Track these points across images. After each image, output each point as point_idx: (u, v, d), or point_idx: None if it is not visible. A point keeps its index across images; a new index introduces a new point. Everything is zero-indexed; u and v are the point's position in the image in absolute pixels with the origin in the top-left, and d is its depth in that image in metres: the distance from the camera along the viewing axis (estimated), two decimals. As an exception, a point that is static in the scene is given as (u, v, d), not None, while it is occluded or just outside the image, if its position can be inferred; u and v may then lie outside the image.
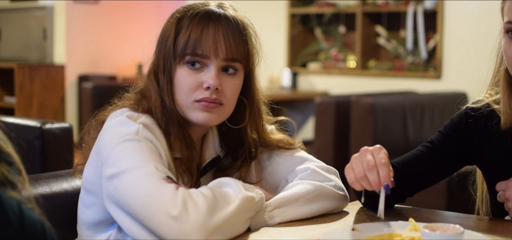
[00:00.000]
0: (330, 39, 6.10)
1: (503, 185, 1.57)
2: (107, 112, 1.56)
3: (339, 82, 5.95)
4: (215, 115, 1.53)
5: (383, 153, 1.41)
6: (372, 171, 1.40)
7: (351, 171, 1.43)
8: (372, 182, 1.40)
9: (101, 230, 1.52)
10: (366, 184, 1.41)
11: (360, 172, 1.41)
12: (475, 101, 1.72)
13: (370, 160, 1.40)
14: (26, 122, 2.57)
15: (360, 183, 1.42)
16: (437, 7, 5.37)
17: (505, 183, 1.56)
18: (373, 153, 1.42)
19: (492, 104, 1.67)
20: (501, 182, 1.58)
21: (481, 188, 1.80)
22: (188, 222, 1.28)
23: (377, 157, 1.41)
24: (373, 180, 1.40)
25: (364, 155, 1.42)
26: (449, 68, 5.37)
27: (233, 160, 1.63)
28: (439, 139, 1.70)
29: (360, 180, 1.41)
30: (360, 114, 4.37)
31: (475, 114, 1.68)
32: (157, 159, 1.40)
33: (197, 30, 1.51)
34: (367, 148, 1.43)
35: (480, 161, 1.71)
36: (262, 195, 1.46)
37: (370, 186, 1.41)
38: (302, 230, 1.46)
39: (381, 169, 1.40)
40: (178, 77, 1.53)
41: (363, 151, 1.43)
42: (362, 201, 1.59)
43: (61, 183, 1.69)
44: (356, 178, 1.42)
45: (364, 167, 1.40)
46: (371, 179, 1.40)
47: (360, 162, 1.42)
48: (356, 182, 1.42)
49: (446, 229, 1.26)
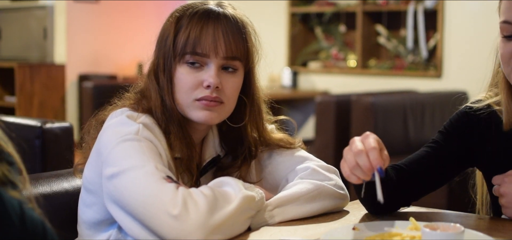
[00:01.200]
0: (330, 38, 6.10)
1: (499, 179, 1.56)
2: (107, 112, 1.56)
3: (339, 81, 5.95)
4: (215, 114, 1.53)
5: (371, 138, 1.38)
6: (361, 156, 1.36)
7: (344, 164, 1.40)
8: (363, 167, 1.36)
9: (102, 230, 1.52)
10: (360, 172, 1.37)
11: (351, 161, 1.37)
12: (474, 100, 1.71)
13: (358, 146, 1.37)
14: (26, 122, 2.57)
15: (353, 173, 1.38)
16: (438, 6, 5.37)
17: (501, 178, 1.56)
18: (362, 140, 1.39)
19: (493, 106, 1.66)
20: (497, 176, 1.57)
21: (481, 191, 1.79)
22: (188, 221, 1.28)
23: (365, 142, 1.38)
24: (364, 165, 1.36)
25: (353, 144, 1.39)
26: (449, 67, 5.37)
27: (233, 159, 1.63)
28: (441, 140, 1.69)
29: (353, 170, 1.37)
30: (360, 113, 4.37)
31: (475, 114, 1.67)
32: (157, 159, 1.40)
33: (197, 29, 1.51)
34: (355, 138, 1.40)
35: (481, 162, 1.71)
36: (262, 194, 1.46)
37: (364, 173, 1.37)
38: (303, 229, 1.46)
39: (371, 153, 1.36)
40: (178, 76, 1.53)
41: (352, 141, 1.40)
42: (362, 196, 1.52)
43: (62, 183, 1.69)
44: (349, 170, 1.38)
45: (354, 155, 1.37)
46: (362, 164, 1.36)
47: (350, 152, 1.38)
48: (351, 174, 1.38)
49: (447, 228, 1.25)
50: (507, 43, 1.56)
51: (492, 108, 1.66)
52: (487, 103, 1.67)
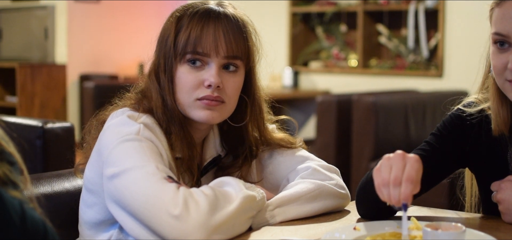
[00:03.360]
0: (331, 37, 6.10)
1: (496, 185, 1.56)
2: (108, 112, 1.56)
3: (340, 81, 5.95)
4: (217, 113, 1.53)
5: (415, 169, 1.28)
6: (395, 187, 1.28)
7: (379, 175, 1.31)
8: (392, 196, 1.28)
9: (103, 230, 1.52)
10: (386, 193, 1.30)
11: (385, 179, 1.29)
12: (466, 103, 1.70)
13: (398, 175, 1.28)
14: (27, 122, 2.57)
15: (381, 190, 1.30)
16: (439, 5, 5.37)
17: (498, 184, 1.55)
18: (404, 161, 1.29)
19: (487, 110, 1.65)
20: (495, 183, 1.57)
21: (470, 192, 1.79)
22: (189, 221, 1.28)
23: (407, 169, 1.29)
24: (393, 196, 1.28)
25: (396, 162, 1.30)
26: (450, 67, 5.37)
27: (234, 159, 1.63)
28: (434, 142, 1.69)
29: (383, 187, 1.30)
30: (361, 113, 4.36)
31: (467, 118, 1.66)
32: (158, 159, 1.40)
33: (197, 29, 1.51)
34: (402, 154, 1.31)
35: (473, 164, 1.70)
36: (263, 194, 1.46)
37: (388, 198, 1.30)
38: (304, 229, 1.46)
39: (405, 186, 1.27)
40: (179, 75, 1.53)
41: (397, 158, 1.30)
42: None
43: (63, 183, 1.69)
44: (378, 185, 1.31)
45: (391, 180, 1.28)
46: (392, 194, 1.28)
47: (388, 169, 1.30)
48: (379, 189, 1.31)
49: (448, 228, 1.25)
50: (500, 54, 1.54)
51: (485, 112, 1.65)
52: (481, 108, 1.66)
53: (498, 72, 1.55)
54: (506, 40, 1.52)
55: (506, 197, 1.52)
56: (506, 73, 1.53)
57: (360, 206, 1.59)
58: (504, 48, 1.53)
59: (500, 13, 1.54)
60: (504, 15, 1.53)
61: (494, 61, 1.55)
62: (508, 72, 1.52)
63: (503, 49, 1.53)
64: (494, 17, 1.55)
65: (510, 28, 1.51)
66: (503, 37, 1.53)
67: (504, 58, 1.53)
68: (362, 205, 1.58)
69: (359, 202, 1.59)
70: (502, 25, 1.53)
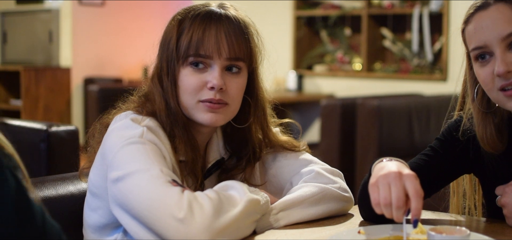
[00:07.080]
0: (335, 41, 6.10)
1: (501, 190, 1.56)
2: (111, 115, 1.56)
3: (344, 85, 5.94)
4: (221, 116, 1.53)
5: (417, 184, 1.30)
6: (400, 209, 1.29)
7: (376, 192, 1.33)
8: (396, 219, 1.29)
9: (107, 233, 1.52)
10: (389, 213, 1.30)
11: (386, 198, 1.30)
12: (458, 118, 1.70)
13: (400, 196, 1.29)
14: (32, 125, 2.57)
15: (382, 209, 1.30)
16: (443, 9, 5.36)
17: (502, 188, 1.55)
18: (405, 181, 1.30)
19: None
20: (499, 187, 1.57)
21: (472, 197, 1.78)
22: (193, 224, 1.28)
23: (412, 186, 1.29)
24: (397, 217, 1.29)
25: (394, 182, 1.30)
26: (455, 71, 5.36)
27: (237, 161, 1.63)
28: (439, 147, 1.69)
29: (384, 207, 1.30)
30: (366, 117, 4.36)
31: (465, 131, 1.66)
32: (162, 162, 1.40)
33: (199, 31, 1.51)
34: (399, 173, 1.32)
35: (478, 169, 1.70)
36: (267, 198, 1.46)
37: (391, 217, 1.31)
38: (308, 232, 1.46)
39: (415, 201, 1.28)
40: (182, 78, 1.53)
41: (395, 177, 1.31)
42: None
43: (67, 186, 1.69)
44: (378, 203, 1.31)
45: (393, 201, 1.29)
46: (396, 215, 1.29)
47: (387, 188, 1.31)
48: (378, 207, 1.32)
49: (453, 232, 1.25)
50: (484, 67, 1.54)
51: None
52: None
53: (488, 86, 1.55)
54: (486, 50, 1.53)
55: (510, 201, 1.52)
56: (495, 82, 1.53)
57: (362, 209, 1.59)
58: (486, 60, 1.54)
59: (472, 29, 1.57)
60: (476, 28, 1.56)
61: (481, 76, 1.55)
62: (497, 79, 1.52)
63: (485, 61, 1.54)
64: (467, 36, 1.59)
65: (485, 36, 1.53)
66: (481, 49, 1.54)
67: (489, 68, 1.53)
68: (364, 207, 1.58)
69: (361, 204, 1.59)
70: (477, 38, 1.55)
